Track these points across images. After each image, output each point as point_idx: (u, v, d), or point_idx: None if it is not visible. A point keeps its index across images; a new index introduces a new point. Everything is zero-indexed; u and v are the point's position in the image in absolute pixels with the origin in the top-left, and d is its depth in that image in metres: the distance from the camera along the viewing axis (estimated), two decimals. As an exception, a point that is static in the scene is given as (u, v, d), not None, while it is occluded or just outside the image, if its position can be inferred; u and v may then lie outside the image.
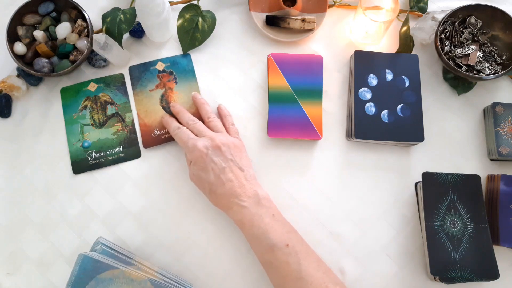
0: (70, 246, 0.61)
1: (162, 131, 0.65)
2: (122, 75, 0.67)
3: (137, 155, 0.64)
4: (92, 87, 0.67)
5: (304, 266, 0.52)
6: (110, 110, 0.66)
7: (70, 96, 0.66)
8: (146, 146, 0.65)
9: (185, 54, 0.68)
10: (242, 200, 0.55)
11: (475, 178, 0.60)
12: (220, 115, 0.65)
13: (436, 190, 0.59)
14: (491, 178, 0.63)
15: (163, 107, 0.66)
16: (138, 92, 0.67)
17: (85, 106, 0.66)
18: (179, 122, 0.63)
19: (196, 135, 0.60)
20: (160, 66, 0.68)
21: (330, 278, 0.53)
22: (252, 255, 0.59)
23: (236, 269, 0.60)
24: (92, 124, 0.65)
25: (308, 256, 0.54)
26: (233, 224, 0.59)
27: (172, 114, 0.65)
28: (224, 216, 0.60)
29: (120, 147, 0.64)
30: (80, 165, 0.64)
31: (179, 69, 0.68)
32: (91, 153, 0.64)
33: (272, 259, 0.53)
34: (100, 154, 0.64)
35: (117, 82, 0.67)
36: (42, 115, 0.66)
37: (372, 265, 0.61)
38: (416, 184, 0.63)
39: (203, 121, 0.63)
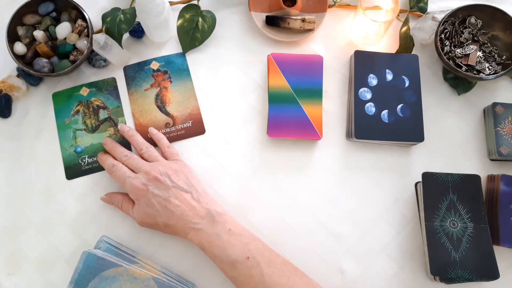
0: (70, 246, 0.61)
1: (158, 131, 0.65)
2: (114, 79, 0.67)
3: None
4: (84, 91, 0.66)
5: (268, 276, 0.52)
6: (103, 114, 0.66)
7: (62, 101, 0.66)
8: None
9: (180, 53, 0.68)
10: (196, 222, 0.55)
11: (475, 178, 0.60)
12: (153, 140, 0.63)
13: (436, 190, 0.59)
14: (491, 178, 0.63)
15: (158, 107, 0.66)
16: (133, 92, 0.67)
17: (77, 111, 0.66)
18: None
19: (132, 170, 0.58)
20: (154, 65, 0.68)
21: (295, 281, 0.53)
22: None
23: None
24: (84, 129, 0.65)
25: (271, 263, 0.53)
26: (233, 224, 0.59)
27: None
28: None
29: None
30: (73, 170, 0.63)
31: (174, 68, 0.68)
32: (84, 158, 0.64)
33: (236, 274, 0.53)
34: (93, 159, 0.64)
35: (109, 87, 0.67)
36: (42, 115, 0.66)
37: (372, 265, 0.61)
38: (416, 184, 0.63)
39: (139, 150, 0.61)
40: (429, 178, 0.60)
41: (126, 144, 0.64)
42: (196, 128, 0.66)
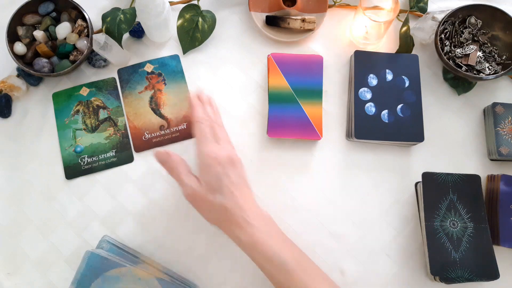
0: (70, 246, 0.61)
1: (152, 134, 0.65)
2: (114, 79, 0.67)
3: (129, 159, 0.64)
4: (84, 91, 0.66)
5: (317, 284, 0.50)
6: (103, 114, 0.66)
7: (62, 101, 0.66)
8: (137, 150, 0.64)
9: (174, 55, 0.68)
10: (252, 218, 0.51)
11: (475, 178, 0.60)
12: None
13: (436, 190, 0.59)
14: (491, 178, 0.63)
15: (152, 109, 0.66)
16: (127, 95, 0.67)
17: (77, 111, 0.66)
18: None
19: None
20: (148, 68, 0.68)
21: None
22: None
23: (236, 269, 0.60)
24: (84, 129, 0.65)
25: (316, 272, 0.52)
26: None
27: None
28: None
29: (112, 151, 0.64)
30: (73, 170, 0.64)
31: (168, 70, 0.68)
32: (84, 158, 0.64)
33: (285, 279, 0.50)
34: (92, 159, 0.64)
35: (109, 86, 0.67)
36: (42, 115, 0.66)
37: (372, 265, 0.61)
38: (416, 184, 0.63)
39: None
40: (429, 178, 0.60)
41: (126, 143, 0.64)
42: (190, 130, 0.65)
